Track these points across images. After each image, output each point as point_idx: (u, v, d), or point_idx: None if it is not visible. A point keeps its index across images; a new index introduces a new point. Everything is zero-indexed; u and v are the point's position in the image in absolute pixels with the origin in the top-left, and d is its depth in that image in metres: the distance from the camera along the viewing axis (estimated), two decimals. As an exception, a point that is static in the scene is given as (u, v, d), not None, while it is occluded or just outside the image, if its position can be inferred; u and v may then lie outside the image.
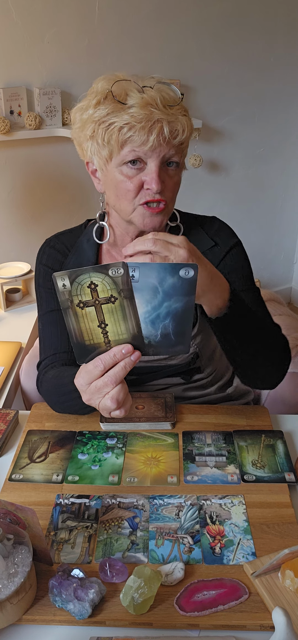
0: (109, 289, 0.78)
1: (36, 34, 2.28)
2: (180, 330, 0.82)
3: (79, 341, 0.82)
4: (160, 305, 0.80)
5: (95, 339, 0.82)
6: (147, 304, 0.80)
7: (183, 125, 1.03)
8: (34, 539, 0.81)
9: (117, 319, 0.81)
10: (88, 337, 0.82)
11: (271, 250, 3.39)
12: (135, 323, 0.81)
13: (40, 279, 1.24)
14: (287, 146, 3.16)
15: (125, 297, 0.79)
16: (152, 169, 1.02)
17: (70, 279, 0.77)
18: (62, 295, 0.78)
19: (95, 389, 0.85)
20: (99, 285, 0.78)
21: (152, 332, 0.81)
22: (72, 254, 1.23)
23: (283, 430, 1.15)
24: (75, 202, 2.62)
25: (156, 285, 0.79)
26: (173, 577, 0.81)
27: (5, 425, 1.13)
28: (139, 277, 0.78)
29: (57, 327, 1.20)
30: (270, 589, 0.80)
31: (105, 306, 0.79)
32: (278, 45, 2.89)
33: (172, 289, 0.79)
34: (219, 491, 0.98)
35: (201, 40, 2.68)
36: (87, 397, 0.88)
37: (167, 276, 0.78)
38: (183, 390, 1.27)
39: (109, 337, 0.82)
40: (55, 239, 1.26)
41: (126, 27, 2.47)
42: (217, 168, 2.99)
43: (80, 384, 0.88)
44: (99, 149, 1.05)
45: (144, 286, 0.79)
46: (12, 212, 2.48)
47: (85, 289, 0.78)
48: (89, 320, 0.80)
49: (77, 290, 0.78)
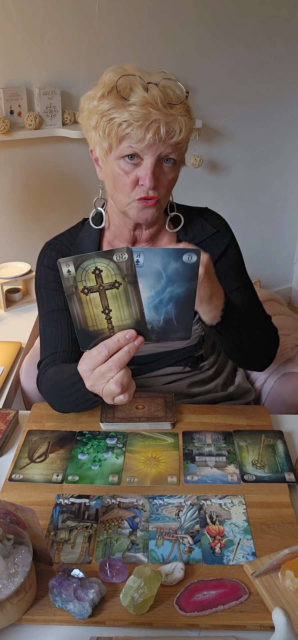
0: (114, 274, 0.79)
1: (36, 34, 2.28)
2: (182, 316, 0.83)
3: (83, 327, 0.83)
4: (164, 290, 0.80)
5: (99, 325, 0.83)
6: (151, 288, 0.80)
7: (181, 125, 1.06)
8: (34, 539, 0.81)
9: (120, 305, 0.81)
10: (92, 323, 0.82)
11: (271, 250, 3.39)
12: (139, 308, 0.82)
13: (42, 280, 1.26)
14: (287, 146, 3.15)
15: (129, 282, 0.80)
16: (147, 165, 1.07)
17: (75, 264, 0.78)
18: (66, 281, 0.79)
19: (99, 374, 0.86)
20: (103, 270, 0.78)
21: (155, 318, 0.82)
22: (73, 253, 1.25)
23: (283, 430, 1.15)
24: (75, 202, 2.62)
25: (160, 270, 0.79)
26: (173, 577, 0.81)
27: (5, 425, 1.13)
28: (144, 262, 0.79)
29: (58, 327, 1.21)
30: (270, 589, 0.80)
31: (109, 292, 0.80)
32: (279, 46, 2.89)
33: (175, 274, 0.79)
34: (219, 491, 0.98)
35: (201, 40, 2.68)
36: (90, 383, 0.89)
37: (171, 261, 0.79)
38: (187, 386, 1.27)
39: (113, 323, 0.82)
40: (55, 240, 1.29)
41: (126, 26, 2.47)
42: (217, 168, 2.99)
43: (84, 370, 0.89)
44: (100, 140, 1.10)
45: (148, 271, 0.79)
46: (12, 212, 2.48)
47: (90, 274, 0.78)
48: (93, 306, 0.81)
49: (82, 276, 0.78)
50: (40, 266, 1.27)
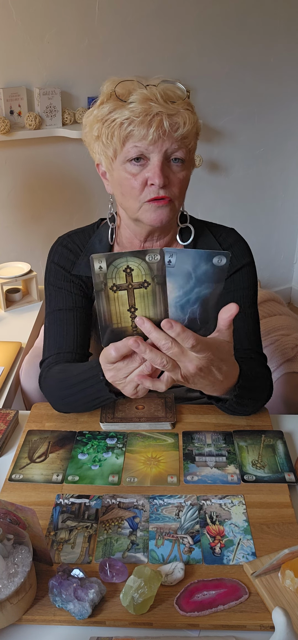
0: (144, 274, 0.79)
1: (36, 34, 2.28)
2: (206, 316, 0.83)
3: (108, 324, 0.83)
4: (192, 290, 0.81)
5: (123, 323, 0.83)
6: (180, 288, 0.81)
7: (185, 118, 1.03)
8: (34, 539, 0.81)
9: (147, 304, 0.82)
10: (116, 321, 0.83)
11: (271, 250, 3.39)
12: (164, 309, 0.82)
13: (51, 277, 1.24)
14: (287, 146, 3.16)
15: (157, 283, 0.80)
16: (154, 163, 1.04)
17: (108, 262, 0.78)
18: (97, 277, 0.79)
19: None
20: (134, 270, 0.79)
21: (180, 316, 0.83)
22: (84, 254, 1.22)
23: (283, 430, 1.15)
24: (75, 202, 2.62)
25: (190, 271, 0.80)
26: (173, 577, 0.81)
27: (5, 425, 1.13)
28: (175, 263, 0.79)
29: (63, 327, 1.20)
30: (270, 589, 0.80)
31: (138, 291, 0.81)
32: (279, 46, 2.89)
33: (204, 275, 0.80)
34: (219, 491, 0.98)
35: (201, 40, 2.68)
36: (111, 374, 0.91)
37: (202, 263, 0.79)
38: (186, 390, 1.27)
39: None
40: (67, 238, 1.26)
41: (126, 27, 2.47)
42: (217, 168, 2.99)
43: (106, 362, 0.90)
44: (104, 148, 1.08)
45: (179, 271, 0.80)
46: (12, 212, 2.48)
47: (121, 272, 0.79)
48: (120, 304, 0.82)
49: (113, 274, 0.79)
50: (50, 263, 1.25)
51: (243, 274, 1.21)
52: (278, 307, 1.91)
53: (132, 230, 1.16)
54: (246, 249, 1.23)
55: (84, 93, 2.47)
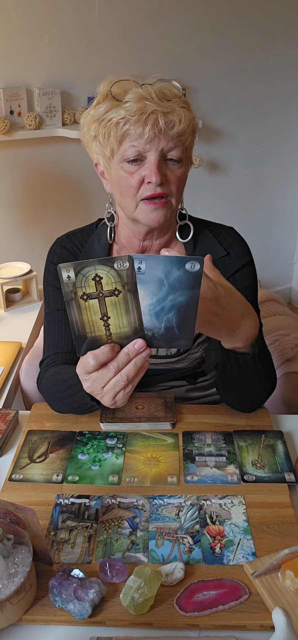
0: (114, 282, 0.78)
1: (36, 34, 2.28)
2: (184, 324, 0.82)
3: (81, 333, 0.82)
4: (165, 298, 0.79)
5: (97, 331, 0.82)
6: (153, 296, 0.79)
7: (180, 116, 1.03)
8: (34, 539, 0.81)
9: (119, 312, 0.81)
10: (90, 330, 0.82)
11: (271, 250, 3.39)
12: (138, 317, 0.81)
13: (49, 278, 1.24)
14: (287, 146, 3.16)
15: (128, 291, 0.79)
16: (151, 161, 1.04)
17: (75, 270, 0.77)
18: (66, 286, 0.78)
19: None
20: (103, 278, 0.78)
21: (156, 325, 0.81)
22: (83, 254, 1.23)
23: (283, 430, 1.15)
24: (75, 202, 2.62)
25: (162, 278, 0.78)
26: (173, 577, 0.81)
27: (5, 425, 1.13)
28: (145, 270, 0.78)
29: (62, 327, 1.20)
30: (270, 589, 0.80)
31: (109, 299, 0.79)
32: (278, 46, 2.89)
33: (178, 281, 0.79)
34: (219, 491, 0.98)
35: (201, 40, 2.68)
36: (88, 385, 0.88)
37: (173, 269, 0.78)
38: (186, 391, 1.27)
39: (111, 330, 0.82)
40: (66, 238, 1.26)
41: (126, 27, 2.47)
42: (217, 168, 2.99)
43: (81, 373, 0.88)
44: (101, 148, 1.08)
45: (150, 278, 0.79)
46: (12, 212, 2.48)
47: (90, 281, 0.78)
48: (92, 313, 0.80)
49: (82, 282, 0.78)
50: (49, 263, 1.25)
51: (244, 274, 1.20)
52: (278, 307, 1.91)
53: (131, 230, 1.16)
54: (245, 248, 1.23)
55: (84, 93, 2.47)
